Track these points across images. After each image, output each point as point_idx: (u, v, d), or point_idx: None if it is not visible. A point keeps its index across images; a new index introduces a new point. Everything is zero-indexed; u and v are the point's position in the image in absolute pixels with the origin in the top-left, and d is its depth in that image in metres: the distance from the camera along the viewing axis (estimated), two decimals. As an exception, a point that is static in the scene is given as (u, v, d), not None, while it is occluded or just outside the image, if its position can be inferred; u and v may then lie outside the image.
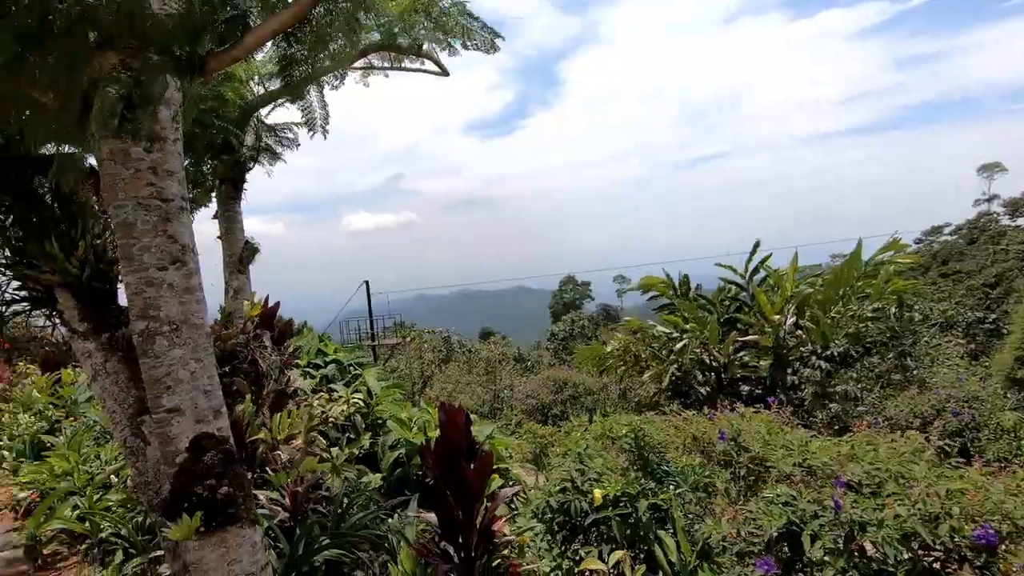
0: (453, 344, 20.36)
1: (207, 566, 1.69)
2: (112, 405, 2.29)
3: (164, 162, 1.71)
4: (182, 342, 1.72)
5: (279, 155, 3.43)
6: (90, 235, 2.40)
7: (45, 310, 2.38)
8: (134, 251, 1.67)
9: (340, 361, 6.14)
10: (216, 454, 1.69)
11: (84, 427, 5.05)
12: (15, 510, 4.54)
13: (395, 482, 4.59)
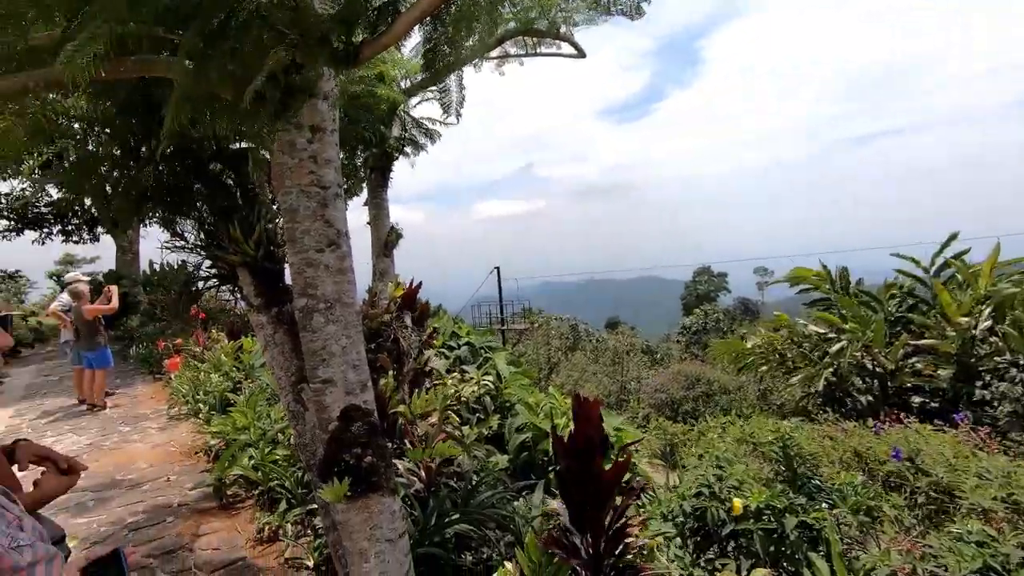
0: (580, 332, 20.29)
1: (352, 527, 1.82)
2: (279, 372, 2.57)
3: (323, 151, 1.84)
4: (335, 319, 1.85)
5: (422, 146, 3.60)
6: (263, 220, 2.70)
7: (230, 286, 2.74)
8: (297, 234, 1.82)
9: (472, 344, 6.38)
10: (362, 425, 1.81)
11: (259, 389, 5.82)
12: (207, 454, 5.37)
13: (521, 465, 4.68)
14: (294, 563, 3.33)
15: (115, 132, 2.45)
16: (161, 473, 5.01)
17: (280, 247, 2.77)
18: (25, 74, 1.42)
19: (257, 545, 3.61)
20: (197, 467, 5.16)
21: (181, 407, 6.83)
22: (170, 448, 5.69)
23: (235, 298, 2.85)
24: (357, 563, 1.83)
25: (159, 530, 3.91)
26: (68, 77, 1.17)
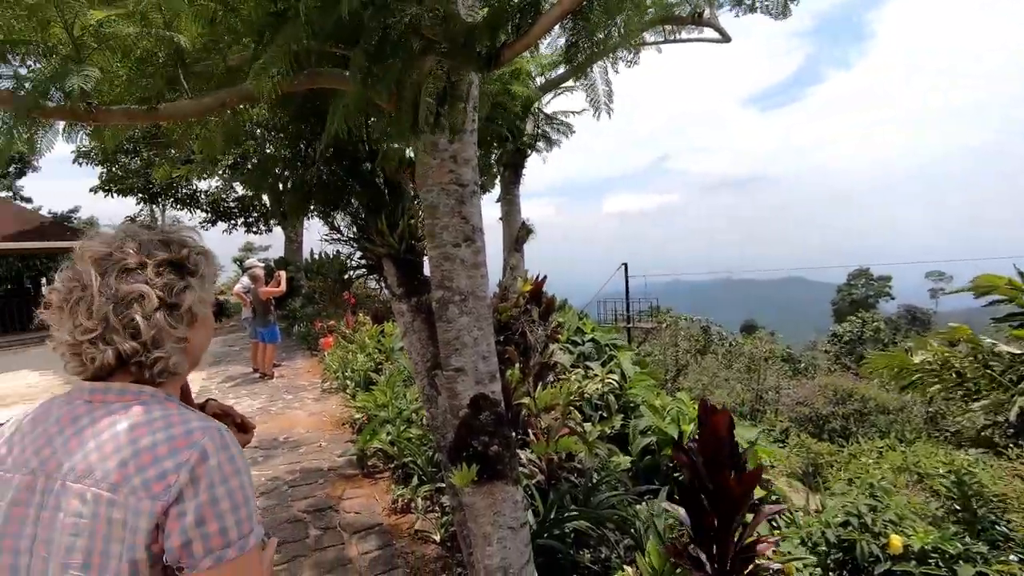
0: (712, 334, 19.16)
1: (477, 511, 1.90)
2: (415, 357, 2.76)
3: (463, 151, 1.93)
4: (468, 311, 1.94)
5: (555, 141, 3.63)
6: (406, 216, 2.91)
7: (376, 276, 3.00)
8: (436, 229, 1.93)
9: (597, 340, 6.33)
10: (490, 414, 1.88)
11: (397, 371, 6.32)
12: (352, 426, 5.95)
13: (644, 468, 4.56)
14: (423, 536, 3.57)
15: (288, 137, 2.79)
16: (315, 439, 5.66)
17: (420, 241, 2.97)
18: (225, 91, 1.68)
19: (392, 514, 3.93)
20: (344, 437, 5.74)
21: (332, 382, 7.64)
22: (323, 418, 6.39)
23: (380, 287, 3.12)
24: (481, 545, 1.91)
25: (311, 489, 4.42)
26: (258, 91, 1.36)
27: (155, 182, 23.08)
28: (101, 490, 0.77)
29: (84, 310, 0.84)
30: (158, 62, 1.74)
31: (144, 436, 0.80)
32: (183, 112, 1.65)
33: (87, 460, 0.79)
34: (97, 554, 0.75)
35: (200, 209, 25.88)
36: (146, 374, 0.88)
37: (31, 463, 0.81)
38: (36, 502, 0.79)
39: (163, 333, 0.87)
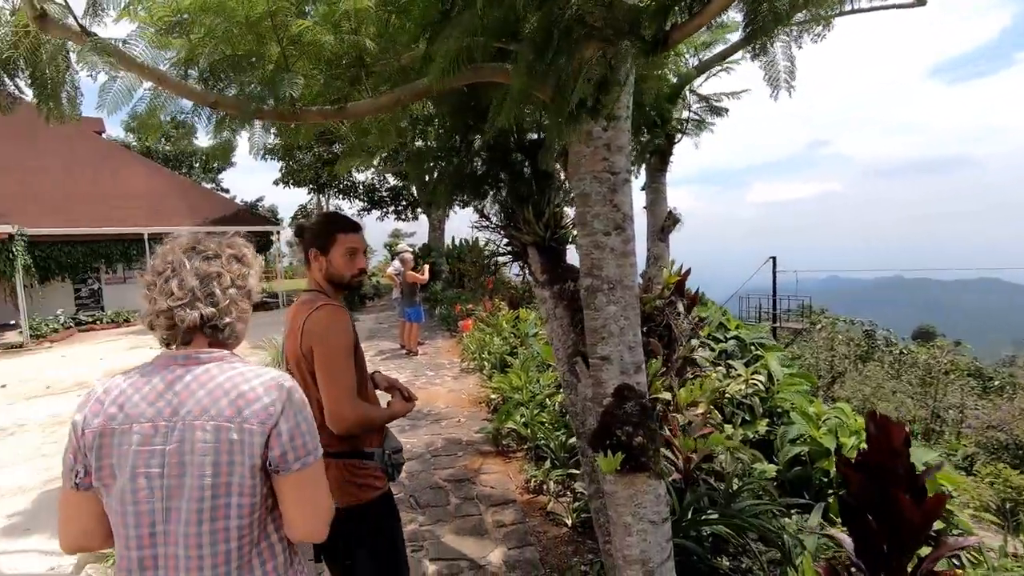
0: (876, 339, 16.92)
1: (618, 501, 1.90)
2: (556, 344, 2.81)
3: (616, 139, 1.91)
4: (616, 300, 1.93)
5: (708, 125, 3.44)
6: (552, 205, 2.96)
7: (520, 263, 3.10)
8: (587, 218, 1.94)
9: (741, 338, 5.92)
10: (635, 405, 1.86)
11: (531, 356, 6.49)
12: (488, 405, 6.24)
13: (792, 480, 4.19)
14: (554, 518, 3.66)
15: (445, 129, 2.97)
16: (454, 414, 6.03)
17: (564, 229, 3.01)
18: (399, 89, 1.83)
19: (525, 493, 4.08)
20: (480, 415, 6.05)
21: (470, 362, 8.07)
22: (461, 395, 6.79)
23: (523, 273, 3.21)
24: (620, 535, 1.91)
25: (451, 460, 4.73)
26: (435, 86, 1.46)
27: (322, 175, 25.95)
28: (220, 422, 1.05)
29: (176, 283, 1.11)
30: (342, 65, 1.95)
31: (243, 383, 1.09)
32: (365, 110, 1.83)
33: (200, 404, 1.07)
34: (225, 464, 1.05)
35: (357, 198, 28.66)
36: (219, 336, 1.17)
37: (147, 413, 1.07)
38: (159, 440, 1.05)
39: (233, 304, 1.17)
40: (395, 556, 1.92)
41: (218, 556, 1.07)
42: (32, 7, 1.46)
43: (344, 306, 1.92)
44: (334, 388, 1.73)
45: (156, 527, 1.06)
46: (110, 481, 1.07)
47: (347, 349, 1.79)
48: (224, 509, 1.06)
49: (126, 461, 1.05)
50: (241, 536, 1.08)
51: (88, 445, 1.07)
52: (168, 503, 1.05)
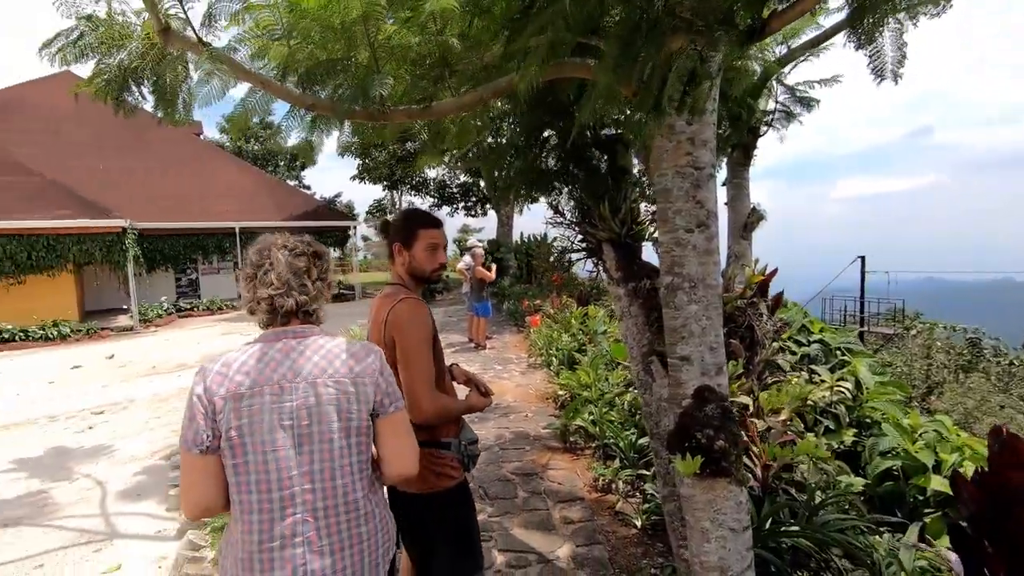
0: (983, 348, 15.41)
1: (696, 505, 1.85)
2: (631, 342, 2.77)
3: (701, 133, 1.85)
4: (697, 299, 1.87)
5: (795, 117, 3.25)
6: (628, 201, 2.91)
7: (594, 259, 3.08)
8: (669, 214, 1.90)
9: (826, 342, 5.58)
10: (716, 407, 1.80)
11: (600, 354, 6.42)
12: (555, 401, 6.24)
13: (883, 495, 3.91)
14: (623, 518, 3.61)
15: (522, 126, 2.99)
16: (522, 409, 6.08)
17: (640, 225, 2.95)
18: (482, 87, 1.87)
19: (593, 491, 4.05)
20: (547, 410, 6.06)
21: (537, 357, 8.10)
22: (528, 390, 6.83)
23: (596, 271, 3.18)
24: (697, 540, 1.86)
25: (519, 454, 4.78)
26: (520, 83, 1.48)
27: (396, 172, 26.82)
28: (339, 379, 1.32)
29: (274, 276, 1.35)
30: (426, 65, 2.01)
31: (347, 348, 1.38)
32: (449, 109, 1.88)
33: (319, 366, 1.33)
34: (346, 412, 1.32)
35: (429, 194, 29.41)
36: (309, 319, 1.42)
37: (272, 378, 1.30)
38: (288, 398, 1.28)
39: (318, 294, 1.42)
40: (470, 543, 1.97)
41: (344, 489, 1.32)
42: (158, 21, 1.61)
43: (423, 300, 1.99)
44: (414, 378, 1.79)
45: (292, 470, 1.28)
46: (238, 440, 1.26)
47: (427, 341, 1.85)
48: (347, 448, 1.33)
49: (259, 419, 1.26)
50: (360, 471, 1.36)
51: (218, 409, 1.26)
52: (301, 447, 1.28)
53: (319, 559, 1.28)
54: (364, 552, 1.35)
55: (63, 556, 3.50)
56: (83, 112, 19.31)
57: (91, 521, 3.97)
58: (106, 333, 13.13)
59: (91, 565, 3.38)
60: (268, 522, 1.26)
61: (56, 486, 4.60)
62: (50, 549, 3.59)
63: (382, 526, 1.42)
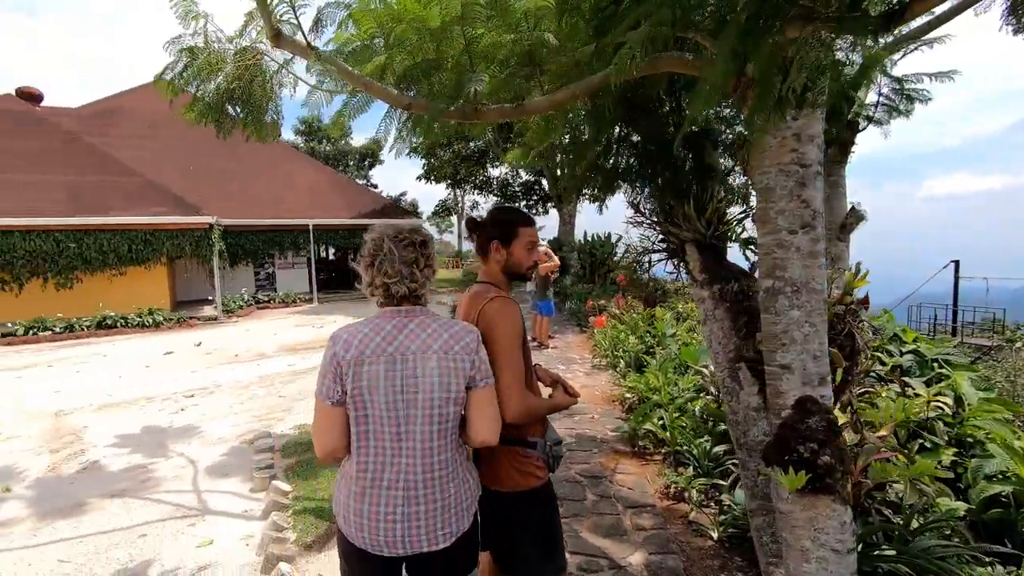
0: (1100, 365, 13.81)
1: (794, 522, 1.75)
2: (716, 347, 2.67)
3: (808, 127, 1.75)
4: (800, 304, 1.77)
5: (902, 111, 3.02)
6: (714, 200, 2.80)
7: (675, 260, 2.99)
8: (770, 214, 1.80)
9: (921, 353, 5.17)
10: (820, 420, 1.69)
11: (669, 357, 6.25)
12: (621, 404, 6.13)
13: (989, 522, 3.57)
14: (698, 529, 3.49)
15: (603, 123, 2.94)
16: (588, 410, 6.01)
17: (726, 226, 2.83)
18: (575, 84, 1.84)
19: (664, 498, 3.94)
20: (613, 413, 5.96)
21: (601, 358, 7.99)
22: (594, 391, 6.75)
23: (677, 272, 3.09)
24: (795, 560, 1.76)
25: (587, 456, 4.72)
26: (614, 79, 1.45)
27: (460, 171, 27.25)
28: (441, 354, 1.55)
29: (389, 265, 1.59)
30: (517, 64, 2.01)
31: (450, 327, 1.61)
32: (542, 107, 1.87)
33: (425, 342, 1.56)
34: (447, 382, 1.55)
35: (491, 193, 29.69)
36: (420, 301, 1.66)
37: (387, 350, 1.55)
38: (398, 367, 1.53)
39: (425, 280, 1.65)
40: (554, 544, 1.96)
41: (439, 445, 1.58)
42: (270, 27, 1.69)
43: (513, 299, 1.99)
44: (503, 377, 1.80)
45: (401, 427, 1.55)
46: (359, 399, 1.53)
47: (517, 339, 1.85)
48: (445, 413, 1.57)
49: (376, 383, 1.52)
50: (453, 433, 1.62)
51: (345, 371, 1.53)
52: (408, 410, 1.54)
53: (413, 504, 1.55)
54: (450, 503, 1.60)
55: (162, 528, 3.79)
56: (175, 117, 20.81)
57: (185, 497, 4.27)
58: (194, 322, 14.11)
59: (187, 538, 3.63)
60: (380, 467, 1.56)
61: (154, 462, 4.98)
62: (151, 520, 3.89)
63: (464, 484, 1.66)
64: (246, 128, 2.45)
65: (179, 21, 2.07)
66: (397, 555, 1.58)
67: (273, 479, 4.36)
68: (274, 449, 5.11)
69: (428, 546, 1.57)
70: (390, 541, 1.55)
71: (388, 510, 1.55)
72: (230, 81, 2.28)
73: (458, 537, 1.62)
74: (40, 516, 4.00)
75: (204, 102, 2.35)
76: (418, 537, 1.56)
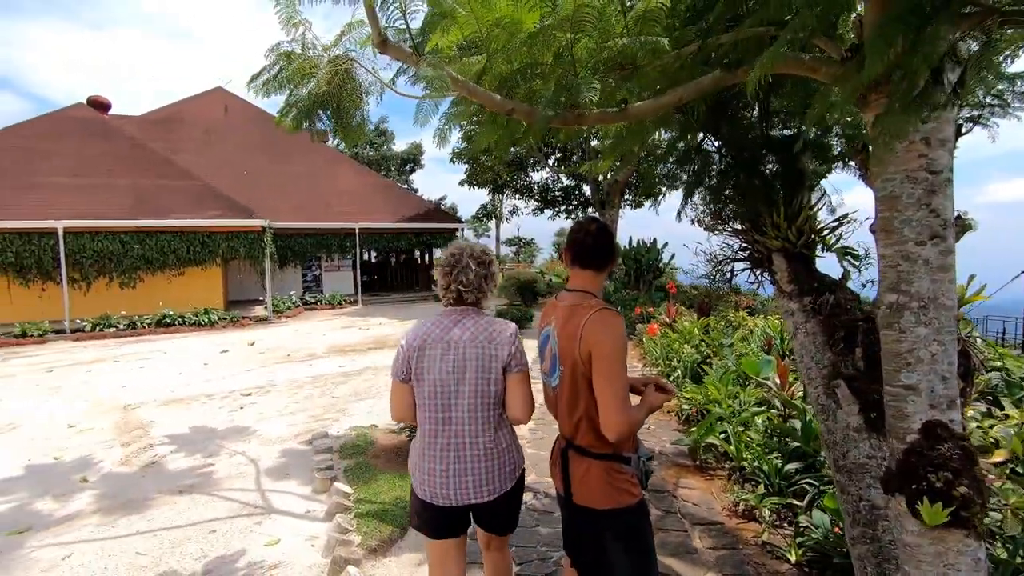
0: None
1: (921, 556, 1.62)
2: (808, 362, 2.53)
3: (939, 131, 1.62)
4: (928, 321, 1.64)
5: (1013, 112, 2.80)
6: (805, 207, 2.67)
7: (759, 270, 2.86)
8: (895, 224, 1.68)
9: (1009, 371, 4.83)
10: (953, 447, 1.56)
11: (727, 368, 6.05)
12: (678, 416, 5.96)
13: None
14: (773, 551, 3.33)
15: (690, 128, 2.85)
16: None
17: (817, 235, 2.69)
18: (682, 88, 1.77)
19: (733, 517, 3.79)
20: (669, 424, 5.80)
21: (652, 367, 7.81)
22: (647, 401, 6.59)
23: (758, 281, 2.96)
24: (922, 597, 1.63)
25: (647, 469, 4.59)
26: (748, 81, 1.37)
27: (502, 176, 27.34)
28: (482, 344, 1.93)
29: (464, 275, 1.98)
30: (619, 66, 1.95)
31: (493, 324, 1.98)
32: (647, 111, 1.81)
33: (472, 334, 1.94)
34: (486, 366, 1.92)
35: (532, 198, 29.67)
36: (479, 305, 2.05)
37: (443, 339, 1.95)
38: (451, 354, 1.93)
39: (489, 291, 2.04)
40: (648, 564, 1.88)
41: (483, 416, 1.94)
42: (377, 34, 1.69)
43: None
44: (611, 395, 1.73)
45: (450, 399, 1.93)
46: (421, 376, 1.95)
47: (623, 354, 1.79)
48: (486, 390, 1.93)
49: (434, 364, 1.93)
50: (495, 408, 1.97)
51: (410, 356, 1.96)
52: (456, 387, 1.93)
53: (462, 463, 1.93)
54: (493, 466, 1.96)
55: (231, 524, 3.87)
56: (230, 124, 21.65)
57: (249, 495, 4.35)
58: (246, 321, 14.56)
59: (255, 536, 3.70)
60: (434, 433, 1.96)
61: (217, 460, 5.11)
62: (219, 517, 3.98)
63: (507, 453, 2.01)
64: (335, 134, 2.50)
65: (281, 26, 2.12)
66: (451, 505, 1.95)
67: (334, 480, 4.41)
68: (332, 450, 5.17)
69: (475, 499, 1.95)
70: (444, 494, 1.94)
71: (441, 467, 1.94)
72: (321, 87, 2.32)
73: (500, 495, 1.99)
74: (115, 508, 4.15)
75: (298, 108, 2.41)
76: (467, 491, 1.94)
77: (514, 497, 2.06)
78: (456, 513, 1.98)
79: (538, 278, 19.92)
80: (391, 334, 12.46)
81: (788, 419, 4.58)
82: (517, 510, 2.11)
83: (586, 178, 24.48)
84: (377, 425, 5.90)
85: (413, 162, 48.26)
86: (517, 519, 2.13)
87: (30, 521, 3.99)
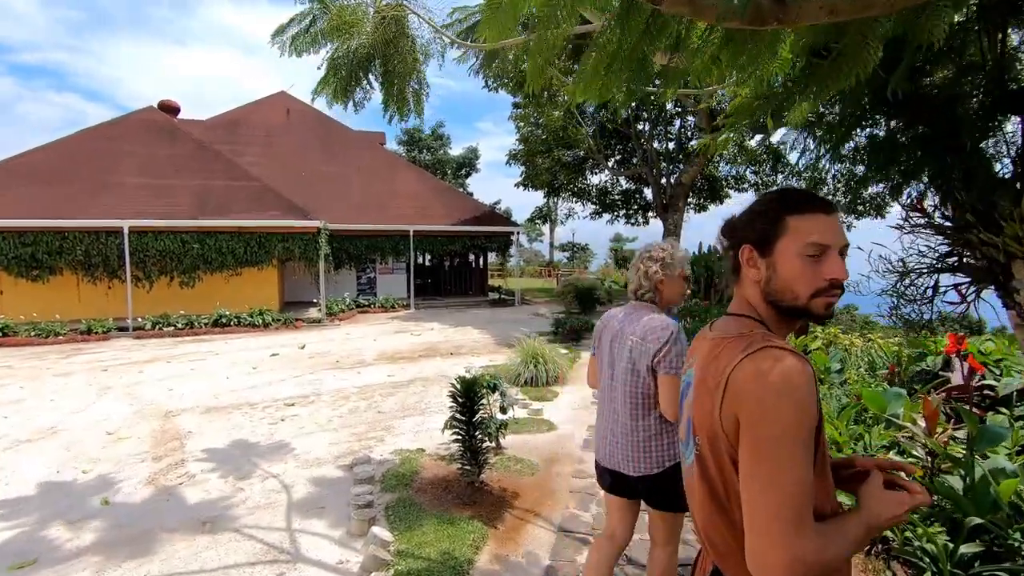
0: None
1: None
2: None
3: None
4: None
5: None
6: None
7: (984, 284, 1.94)
8: None
9: None
10: None
11: (842, 402, 4.99)
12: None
13: None
14: None
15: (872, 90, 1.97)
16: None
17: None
18: None
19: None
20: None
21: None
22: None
23: (969, 302, 2.03)
24: None
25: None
26: None
27: (558, 178, 26.50)
28: (638, 338, 2.25)
29: (642, 273, 2.35)
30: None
31: (653, 322, 2.24)
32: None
33: (633, 327, 2.29)
34: (635, 358, 2.26)
35: (590, 201, 28.67)
36: (654, 300, 2.35)
37: (615, 327, 2.40)
38: (617, 339, 2.37)
39: (660, 286, 2.33)
40: None
41: (632, 402, 2.27)
42: None
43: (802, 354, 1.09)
44: (764, 505, 0.92)
45: (615, 379, 2.35)
46: (600, 353, 2.48)
47: (799, 431, 0.96)
48: (633, 381, 2.26)
49: (605, 346, 2.43)
50: (644, 392, 2.24)
51: (598, 336, 2.52)
52: (615, 368, 2.35)
53: (617, 435, 2.32)
54: (638, 447, 2.26)
55: (250, 574, 3.25)
56: (290, 127, 21.91)
57: (276, 535, 3.73)
58: (299, 324, 14.39)
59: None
60: (603, 402, 2.44)
61: (248, 485, 4.55)
62: (239, 563, 3.37)
63: (651, 441, 2.25)
64: (386, 104, 1.94)
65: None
66: (611, 469, 2.35)
67: (372, 523, 3.73)
68: (373, 479, 4.52)
69: (623, 469, 2.29)
70: (605, 456, 2.39)
71: (604, 433, 2.40)
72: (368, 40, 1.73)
73: (643, 475, 2.25)
74: (128, 541, 3.63)
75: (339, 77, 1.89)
76: (618, 460, 2.32)
77: (661, 482, 2.24)
78: (614, 475, 2.35)
79: (598, 284, 18.97)
80: (442, 341, 11.87)
81: (935, 474, 3.54)
82: (667, 494, 2.24)
83: (647, 181, 23.28)
84: (424, 449, 5.22)
85: (469, 166, 48.19)
86: (670, 501, 2.25)
87: (37, 551, 3.53)
